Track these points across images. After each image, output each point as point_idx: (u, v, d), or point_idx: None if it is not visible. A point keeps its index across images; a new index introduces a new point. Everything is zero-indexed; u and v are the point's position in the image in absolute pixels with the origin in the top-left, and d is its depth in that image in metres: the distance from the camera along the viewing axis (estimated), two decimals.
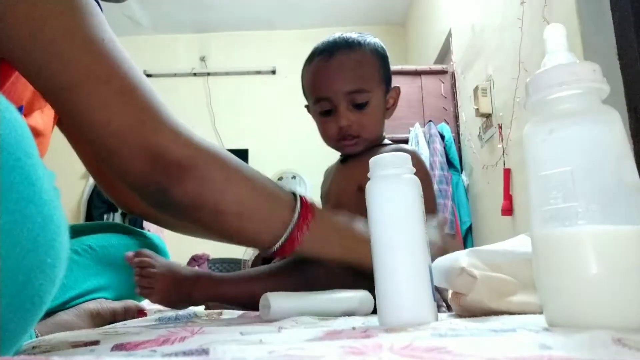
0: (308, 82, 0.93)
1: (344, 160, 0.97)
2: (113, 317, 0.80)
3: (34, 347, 0.44)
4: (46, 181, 0.31)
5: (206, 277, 0.71)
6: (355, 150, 0.91)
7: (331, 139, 0.91)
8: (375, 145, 0.92)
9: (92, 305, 0.80)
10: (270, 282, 0.69)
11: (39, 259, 0.29)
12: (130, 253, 0.68)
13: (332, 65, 0.88)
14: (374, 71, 0.90)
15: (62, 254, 0.32)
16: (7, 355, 0.30)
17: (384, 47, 0.95)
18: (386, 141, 0.95)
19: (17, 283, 0.28)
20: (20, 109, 0.71)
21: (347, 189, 0.90)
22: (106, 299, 0.83)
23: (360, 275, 0.76)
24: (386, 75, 0.93)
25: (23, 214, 0.28)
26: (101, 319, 0.78)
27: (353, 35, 0.91)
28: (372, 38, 0.94)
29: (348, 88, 0.86)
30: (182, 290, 0.67)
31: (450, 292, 0.63)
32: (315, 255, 0.63)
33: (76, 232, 0.88)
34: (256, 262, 1.00)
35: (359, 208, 0.83)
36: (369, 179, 0.52)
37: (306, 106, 0.99)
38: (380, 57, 0.92)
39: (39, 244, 0.29)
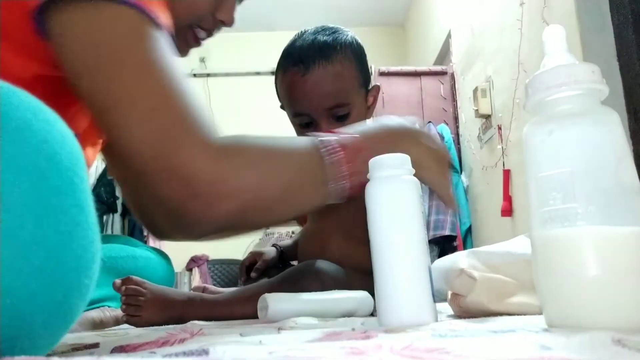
0: (283, 94, 0.88)
1: None
2: (116, 325, 0.80)
3: None
4: (92, 204, 0.33)
5: (198, 300, 0.68)
6: None
7: None
8: None
9: (94, 314, 0.80)
10: None
11: (78, 279, 0.31)
12: (118, 281, 0.67)
13: (308, 81, 0.82)
14: (353, 80, 0.85)
15: (95, 274, 0.33)
16: None
17: (359, 41, 0.89)
18: None
19: (55, 301, 0.29)
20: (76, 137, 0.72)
21: None
22: (110, 307, 0.84)
23: (358, 284, 0.76)
24: (365, 77, 0.88)
25: (72, 236, 0.30)
26: (104, 327, 0.78)
27: (327, 37, 0.85)
28: (346, 35, 0.87)
29: (328, 105, 0.82)
30: (173, 314, 0.65)
31: (449, 293, 0.63)
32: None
33: None
34: (242, 269, 0.98)
35: (345, 211, 0.83)
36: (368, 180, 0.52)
37: (281, 106, 0.94)
38: (357, 58, 0.86)
39: (80, 265, 0.31)
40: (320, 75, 0.82)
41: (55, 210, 0.29)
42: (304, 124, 0.85)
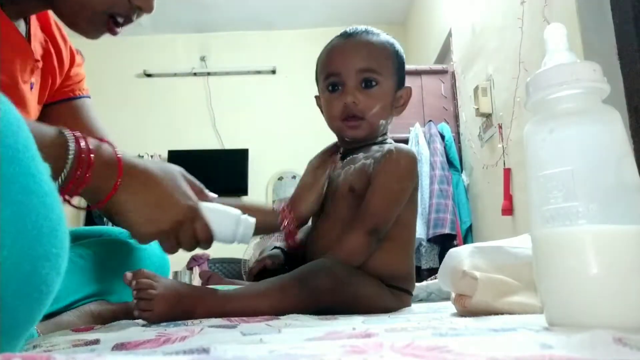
0: (321, 62, 0.93)
1: (342, 157, 0.95)
2: (114, 319, 0.80)
3: (34, 347, 0.44)
4: (45, 172, 0.32)
5: (209, 295, 0.67)
6: (357, 134, 0.88)
7: (335, 119, 0.89)
8: (373, 144, 0.90)
9: (93, 307, 0.79)
10: (276, 297, 0.68)
11: (44, 249, 0.30)
12: (129, 274, 0.64)
13: (348, 43, 0.90)
14: (388, 60, 0.90)
15: (65, 243, 0.32)
16: (17, 345, 0.30)
17: (402, 51, 0.95)
18: (388, 140, 0.93)
19: (24, 273, 0.28)
20: None
21: (340, 189, 0.88)
22: (107, 300, 0.83)
23: (368, 283, 0.77)
24: (399, 71, 0.93)
25: (26, 205, 0.29)
26: (102, 320, 0.78)
27: (376, 31, 0.94)
28: (393, 39, 0.95)
29: (359, 65, 0.86)
30: (184, 309, 0.64)
31: (453, 294, 0.63)
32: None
33: (79, 236, 0.89)
34: (250, 277, 0.97)
35: (351, 209, 0.85)
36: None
37: (316, 97, 0.97)
38: (396, 53, 0.93)
39: (43, 234, 0.30)
40: (360, 39, 0.90)
41: (1, 180, 0.27)
42: (332, 87, 0.90)
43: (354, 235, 0.79)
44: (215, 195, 0.74)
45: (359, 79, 0.87)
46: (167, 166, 0.65)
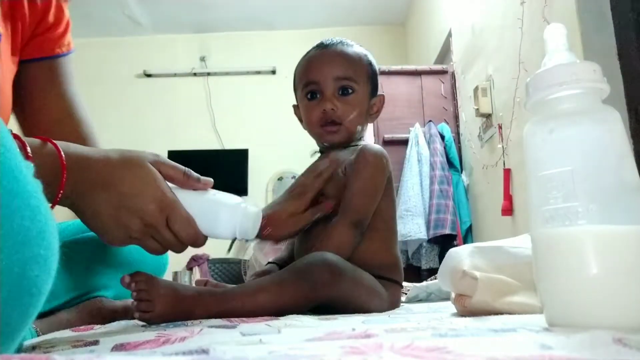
0: (300, 72, 0.98)
1: (320, 152, 0.99)
2: (113, 316, 0.80)
3: (33, 348, 0.44)
4: (28, 173, 0.31)
5: (208, 294, 0.68)
6: (335, 139, 0.93)
7: (314, 125, 0.94)
8: (349, 146, 0.94)
9: (92, 304, 0.80)
10: (276, 292, 0.68)
11: (32, 251, 0.30)
12: (127, 276, 0.64)
13: (325, 53, 0.95)
14: (363, 69, 0.95)
15: (53, 244, 0.32)
16: (11, 347, 0.30)
17: (374, 62, 1.00)
18: (361, 143, 0.97)
19: (13, 277, 0.28)
20: None
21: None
22: (106, 297, 0.83)
23: (366, 276, 0.77)
24: (373, 80, 0.97)
25: (10, 208, 0.28)
26: (101, 318, 0.78)
27: (350, 42, 0.99)
28: (366, 50, 1.01)
29: (336, 74, 0.91)
30: (183, 310, 0.64)
31: (453, 294, 0.63)
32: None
33: (76, 230, 0.88)
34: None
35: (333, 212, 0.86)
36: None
37: (294, 106, 1.02)
38: (369, 63, 0.98)
39: (30, 237, 0.29)
40: (337, 50, 0.95)
41: None
42: (310, 95, 0.94)
43: (339, 229, 0.82)
44: (210, 180, 0.63)
45: (336, 86, 0.92)
46: (132, 157, 0.57)
